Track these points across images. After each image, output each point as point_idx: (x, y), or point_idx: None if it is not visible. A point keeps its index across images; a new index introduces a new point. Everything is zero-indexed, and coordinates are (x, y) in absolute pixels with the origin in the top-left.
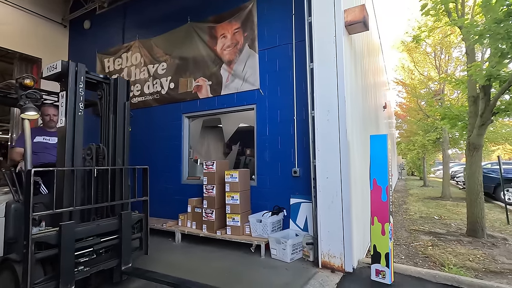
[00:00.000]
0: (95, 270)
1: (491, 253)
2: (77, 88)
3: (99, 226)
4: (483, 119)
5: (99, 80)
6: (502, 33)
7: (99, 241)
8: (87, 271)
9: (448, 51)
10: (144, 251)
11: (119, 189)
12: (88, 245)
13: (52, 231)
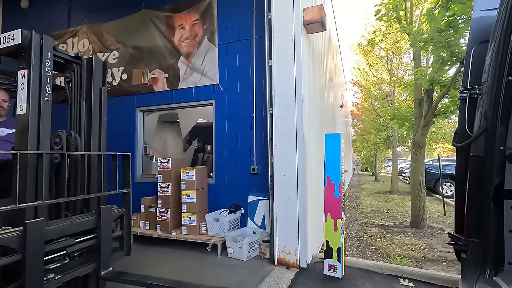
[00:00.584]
0: (69, 277)
1: (430, 243)
2: (43, 66)
3: (73, 224)
4: (426, 120)
5: (69, 59)
6: (443, 41)
7: (74, 242)
8: (59, 280)
9: (399, 56)
10: (125, 251)
11: (95, 180)
12: (61, 247)
13: (13, 231)
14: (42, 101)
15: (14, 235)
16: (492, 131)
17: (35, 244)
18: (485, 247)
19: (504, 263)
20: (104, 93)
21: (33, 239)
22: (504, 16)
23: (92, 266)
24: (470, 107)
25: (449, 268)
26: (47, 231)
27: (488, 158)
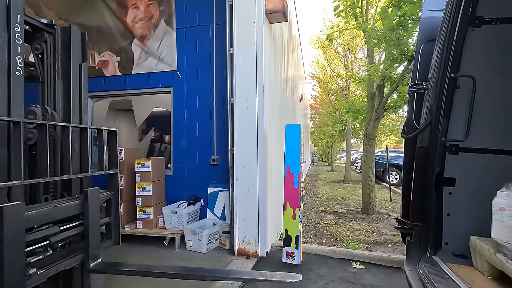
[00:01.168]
0: (54, 271)
1: (378, 227)
2: (12, 32)
3: (57, 209)
4: (377, 114)
5: (40, 26)
6: (394, 40)
7: (58, 230)
8: (42, 275)
9: (354, 52)
10: (113, 240)
11: (77, 159)
12: (43, 236)
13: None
14: (12, 76)
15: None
16: (435, 124)
17: (14, 233)
18: (427, 230)
19: (441, 244)
20: (84, 71)
21: (12, 226)
22: (448, 17)
23: (79, 258)
24: (417, 101)
25: (394, 250)
26: (28, 217)
27: (432, 148)
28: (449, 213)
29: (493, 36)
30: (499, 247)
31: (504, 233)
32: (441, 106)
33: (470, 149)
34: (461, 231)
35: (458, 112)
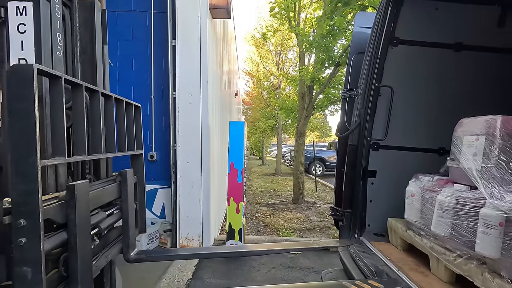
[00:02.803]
0: (104, 263)
1: (307, 215)
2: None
3: (105, 191)
4: (307, 112)
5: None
6: (324, 46)
7: (105, 215)
8: (97, 267)
9: (285, 52)
10: (140, 228)
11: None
12: (96, 222)
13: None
14: (54, 56)
15: (58, 204)
16: (363, 125)
17: (83, 216)
18: (355, 215)
19: (366, 226)
20: (106, 54)
21: (81, 209)
22: (375, 35)
23: (119, 247)
24: (349, 106)
25: (322, 235)
26: (92, 198)
27: (360, 146)
28: (371, 200)
29: (406, 54)
30: (409, 225)
31: (414, 214)
32: (367, 110)
33: (388, 146)
34: (380, 214)
35: (379, 116)
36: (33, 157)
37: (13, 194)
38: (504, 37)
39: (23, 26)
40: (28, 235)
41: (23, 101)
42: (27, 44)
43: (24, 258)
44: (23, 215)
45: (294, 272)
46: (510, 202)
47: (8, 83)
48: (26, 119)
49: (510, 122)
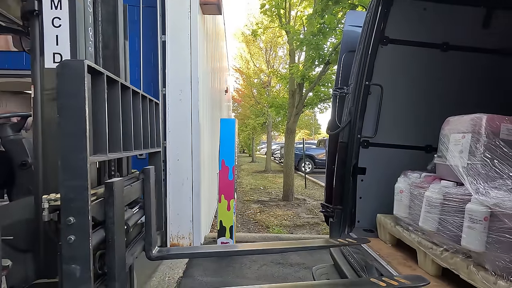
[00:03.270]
0: (131, 261)
1: (297, 212)
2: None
3: (132, 189)
4: (297, 110)
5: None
6: (314, 44)
7: (133, 213)
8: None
9: (275, 50)
10: (158, 225)
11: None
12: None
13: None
14: (86, 52)
15: (98, 201)
16: (353, 123)
17: (119, 214)
18: (345, 211)
19: (355, 222)
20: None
21: (118, 206)
22: (365, 34)
23: (142, 245)
24: (339, 103)
25: (312, 231)
26: (126, 194)
27: (350, 144)
28: (361, 196)
29: (395, 53)
30: (398, 221)
31: (402, 210)
32: (358, 108)
33: (377, 144)
34: (369, 210)
35: (369, 114)
36: (83, 154)
37: (62, 191)
38: (489, 38)
39: (58, 20)
40: (77, 233)
41: (73, 97)
42: (62, 39)
43: (73, 256)
44: (72, 213)
45: (285, 268)
46: (494, 198)
47: (58, 79)
48: (76, 116)
49: (494, 121)
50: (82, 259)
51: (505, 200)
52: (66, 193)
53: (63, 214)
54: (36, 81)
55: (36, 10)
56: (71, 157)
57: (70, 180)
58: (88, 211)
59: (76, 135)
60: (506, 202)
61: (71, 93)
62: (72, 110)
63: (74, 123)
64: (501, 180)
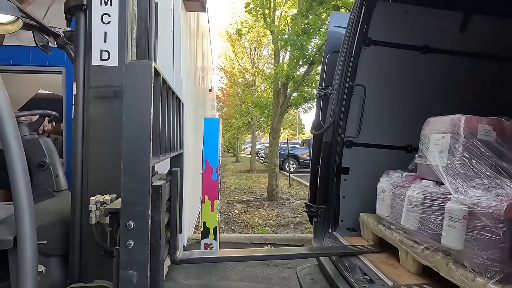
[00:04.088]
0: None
1: (282, 211)
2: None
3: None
4: (282, 110)
5: None
6: (298, 44)
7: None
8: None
9: (260, 50)
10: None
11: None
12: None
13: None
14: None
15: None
16: (337, 123)
17: (162, 216)
18: (329, 211)
19: (339, 221)
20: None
21: (162, 209)
22: (348, 35)
23: (167, 248)
24: (324, 103)
25: (296, 230)
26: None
27: (334, 143)
28: (344, 196)
29: (378, 54)
30: (380, 220)
31: (384, 209)
32: (341, 108)
33: (360, 143)
34: (353, 209)
35: (353, 114)
36: (146, 157)
37: (124, 194)
38: (466, 41)
39: (107, 16)
40: (137, 237)
41: (140, 99)
42: (111, 36)
43: (130, 261)
44: (133, 217)
45: (269, 269)
46: (472, 197)
47: (126, 80)
48: (144, 118)
49: (472, 121)
50: (140, 264)
51: (483, 199)
52: (127, 196)
53: (122, 218)
54: (79, 78)
55: (84, 5)
56: (134, 159)
57: (132, 183)
58: (149, 215)
59: (141, 138)
60: (483, 201)
61: (138, 94)
62: (138, 112)
63: (139, 125)
64: (478, 179)
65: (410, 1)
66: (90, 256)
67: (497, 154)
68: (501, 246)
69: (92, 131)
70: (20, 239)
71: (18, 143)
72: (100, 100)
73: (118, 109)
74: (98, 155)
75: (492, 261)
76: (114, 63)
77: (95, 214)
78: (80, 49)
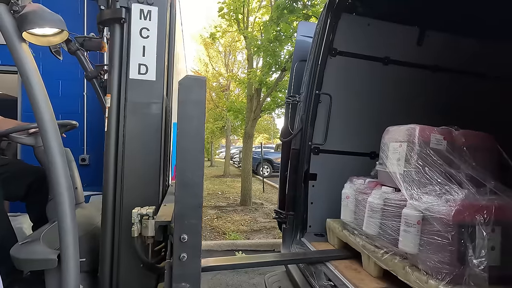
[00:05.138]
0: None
1: (255, 216)
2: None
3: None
4: (255, 114)
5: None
6: (271, 51)
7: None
8: None
9: (234, 54)
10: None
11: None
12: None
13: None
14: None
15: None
16: (305, 130)
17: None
18: (297, 217)
19: (307, 227)
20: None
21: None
22: (315, 45)
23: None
24: (292, 111)
25: (268, 235)
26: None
27: (302, 150)
28: (312, 202)
29: (343, 64)
30: (344, 226)
31: (348, 215)
32: (309, 116)
33: (327, 150)
34: (320, 215)
35: (320, 122)
36: (200, 170)
37: (178, 207)
38: (422, 55)
39: (146, 30)
40: (190, 250)
41: (196, 113)
42: (149, 50)
43: (183, 274)
44: (186, 230)
45: (239, 276)
46: (426, 203)
47: (181, 95)
48: (196, 132)
49: (425, 131)
50: (193, 276)
51: (434, 205)
52: (181, 209)
53: (176, 231)
54: (113, 91)
55: (123, 18)
56: (188, 173)
57: (187, 196)
58: (200, 228)
59: (195, 151)
60: (435, 207)
61: (193, 109)
62: (193, 125)
63: (194, 139)
64: (431, 186)
65: (372, 15)
66: (125, 270)
67: (447, 162)
68: (450, 250)
69: (127, 145)
70: (64, 258)
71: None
72: (136, 114)
73: (154, 123)
74: (132, 169)
75: (442, 264)
76: (152, 77)
77: (137, 227)
78: (115, 62)
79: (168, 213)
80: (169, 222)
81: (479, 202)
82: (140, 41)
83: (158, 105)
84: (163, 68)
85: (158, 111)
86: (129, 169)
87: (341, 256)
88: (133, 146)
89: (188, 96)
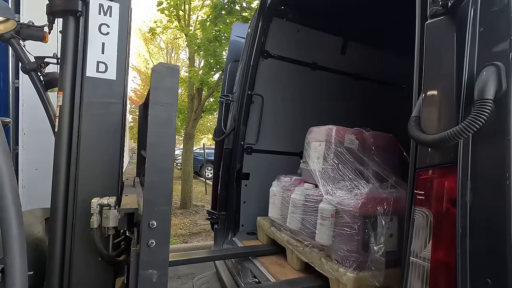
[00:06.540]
0: None
1: (194, 219)
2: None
3: None
4: (196, 115)
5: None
6: (211, 50)
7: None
8: None
9: (177, 52)
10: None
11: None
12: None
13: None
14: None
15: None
16: (237, 130)
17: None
18: (229, 217)
19: (239, 226)
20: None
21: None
22: (248, 46)
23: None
24: (225, 110)
25: (207, 237)
26: None
27: (234, 150)
28: (245, 201)
29: (274, 67)
30: (272, 223)
31: (275, 212)
32: (241, 116)
33: (259, 150)
34: (252, 214)
35: (252, 122)
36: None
37: (147, 194)
38: (345, 63)
39: (106, 27)
40: (159, 237)
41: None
42: (110, 47)
43: (151, 261)
44: (155, 216)
45: (171, 281)
46: (338, 197)
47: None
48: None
49: (340, 131)
50: (161, 263)
51: (345, 199)
52: (151, 195)
53: (145, 218)
54: (65, 88)
55: (79, 11)
56: (159, 160)
57: (157, 183)
58: (170, 214)
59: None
60: (345, 201)
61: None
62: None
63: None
64: (343, 181)
65: (301, 22)
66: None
67: (358, 160)
68: (356, 239)
69: (82, 147)
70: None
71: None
72: (94, 114)
73: (113, 124)
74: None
75: (350, 252)
76: (112, 76)
77: (97, 218)
78: (68, 57)
79: (132, 202)
80: (136, 209)
81: (381, 195)
82: (99, 38)
83: (118, 105)
84: (124, 67)
85: (118, 112)
86: (84, 170)
87: (268, 252)
88: (89, 148)
89: (160, 83)
